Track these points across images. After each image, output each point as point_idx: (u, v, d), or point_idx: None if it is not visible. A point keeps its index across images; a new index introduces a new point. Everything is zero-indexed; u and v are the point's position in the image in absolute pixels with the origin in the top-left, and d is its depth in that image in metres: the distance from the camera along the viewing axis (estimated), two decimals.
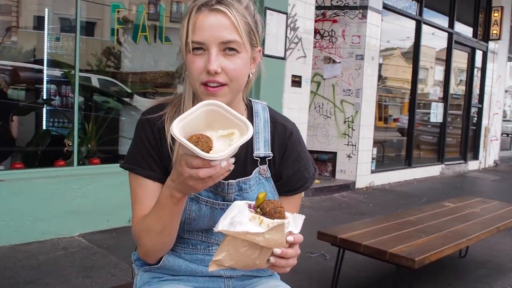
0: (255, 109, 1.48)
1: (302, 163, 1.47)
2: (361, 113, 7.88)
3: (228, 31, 1.24)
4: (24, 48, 7.37)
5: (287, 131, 1.47)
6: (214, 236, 1.44)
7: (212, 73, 1.24)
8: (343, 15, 7.98)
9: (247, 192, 1.41)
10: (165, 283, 1.46)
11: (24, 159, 4.89)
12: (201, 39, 1.24)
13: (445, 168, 10.58)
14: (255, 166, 1.43)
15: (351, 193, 7.60)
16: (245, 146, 1.40)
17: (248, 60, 1.31)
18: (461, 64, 11.63)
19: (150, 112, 1.42)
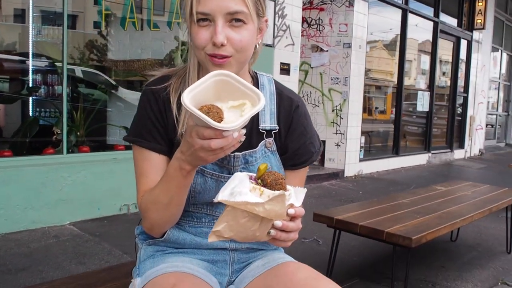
0: (261, 81, 1.46)
1: (308, 137, 1.46)
2: (349, 102, 7.89)
3: (235, 1, 1.21)
4: (10, 40, 7.30)
5: (293, 104, 1.45)
6: (219, 209, 1.43)
7: (218, 45, 1.21)
8: (330, 3, 7.97)
9: (253, 165, 1.40)
10: (169, 256, 1.44)
11: (12, 147, 4.82)
12: (207, 9, 1.21)
13: (432, 156, 10.66)
14: (261, 139, 1.42)
15: (340, 181, 7.62)
16: (251, 119, 1.37)
17: (255, 31, 1.28)
18: (445, 56, 11.69)
19: (154, 84, 1.40)
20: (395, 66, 9.73)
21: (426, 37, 10.81)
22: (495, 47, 14.12)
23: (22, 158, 4.21)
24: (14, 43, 7.08)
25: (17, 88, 6.03)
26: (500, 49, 14.76)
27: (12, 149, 4.41)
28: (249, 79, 1.43)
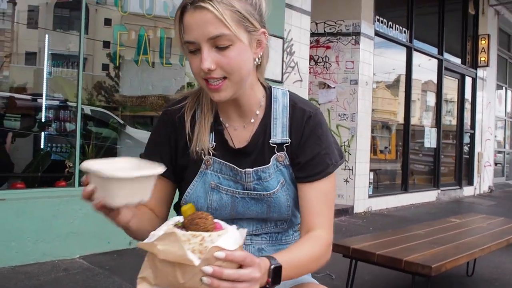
0: (274, 94, 1.44)
1: (322, 147, 1.39)
2: (357, 137, 7.90)
3: (214, 26, 1.20)
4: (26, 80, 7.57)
5: (306, 115, 1.40)
6: (240, 226, 1.39)
7: (206, 71, 1.23)
8: (336, 42, 8.08)
9: (267, 181, 1.38)
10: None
11: (25, 180, 4.85)
12: (192, 38, 1.23)
13: (441, 193, 10.58)
14: (273, 153, 1.40)
15: (350, 217, 7.54)
16: (262, 133, 1.40)
17: (246, 48, 1.27)
18: (449, 94, 11.77)
19: (172, 105, 1.45)
20: (398, 106, 9.79)
21: (430, 77, 10.89)
22: (500, 85, 14.21)
23: (35, 190, 4.22)
24: (29, 83, 7.31)
25: (31, 124, 6.18)
26: (505, 86, 14.85)
27: (24, 181, 4.44)
28: (260, 93, 1.42)
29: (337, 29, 8.06)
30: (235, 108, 1.40)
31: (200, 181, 1.39)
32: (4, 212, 3.86)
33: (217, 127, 1.41)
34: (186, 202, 1.40)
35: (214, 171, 1.39)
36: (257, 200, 1.39)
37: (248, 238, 1.43)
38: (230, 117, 1.42)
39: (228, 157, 1.39)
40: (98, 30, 9.13)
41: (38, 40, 8.20)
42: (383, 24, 8.72)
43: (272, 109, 1.42)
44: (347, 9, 7.95)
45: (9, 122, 5.96)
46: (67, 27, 8.64)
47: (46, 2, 8.37)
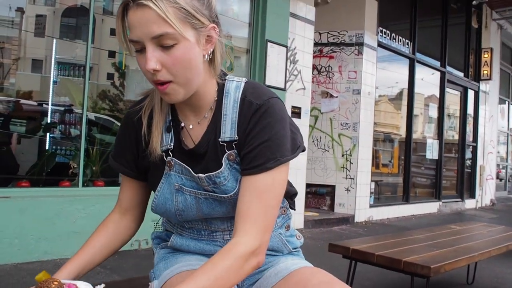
0: (227, 89, 1.34)
1: (265, 138, 1.26)
2: (359, 147, 7.94)
3: (157, 24, 1.14)
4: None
5: (253, 107, 1.29)
6: (213, 224, 1.41)
7: (151, 72, 1.17)
8: (339, 52, 8.15)
9: (223, 185, 1.31)
10: (182, 255, 1.45)
11: (30, 179, 4.91)
12: (135, 37, 1.17)
13: (443, 205, 10.59)
14: (224, 153, 1.32)
15: (351, 226, 7.56)
16: (213, 131, 1.33)
17: (193, 46, 1.19)
18: (452, 109, 11.80)
19: (132, 107, 1.42)
20: (401, 120, 9.83)
21: (432, 91, 10.93)
22: (502, 99, 14.26)
23: (39, 189, 4.27)
24: (35, 90, 7.43)
25: (37, 127, 6.33)
26: (507, 100, 14.90)
27: (29, 181, 4.50)
28: (213, 90, 1.34)
29: (341, 39, 8.13)
30: (189, 106, 1.34)
31: (166, 182, 1.37)
32: (8, 209, 3.90)
33: (174, 127, 1.37)
34: (156, 205, 1.40)
35: (176, 172, 1.35)
36: (219, 201, 1.34)
37: (226, 234, 1.42)
38: (186, 115, 1.37)
39: (185, 157, 1.35)
40: (104, 39, 9.20)
41: (45, 48, 8.28)
42: (386, 36, 8.80)
43: (223, 105, 1.33)
44: (351, 19, 8.03)
45: (15, 126, 6.03)
46: (74, 36, 8.71)
47: (53, 11, 8.47)
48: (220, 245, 1.41)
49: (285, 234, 1.50)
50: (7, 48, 7.89)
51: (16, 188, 4.26)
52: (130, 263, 4.24)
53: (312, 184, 8.05)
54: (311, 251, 1.30)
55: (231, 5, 6.25)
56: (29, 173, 5.08)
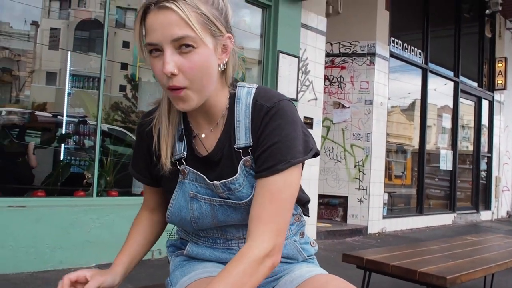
0: (238, 95, 1.35)
1: (275, 140, 1.26)
2: (372, 157, 7.91)
3: (179, 27, 1.15)
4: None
5: (263, 110, 1.29)
6: (228, 232, 1.42)
7: (169, 75, 1.17)
8: (351, 62, 8.15)
9: (239, 191, 1.32)
10: (198, 263, 1.46)
11: (45, 189, 4.98)
12: (154, 40, 1.18)
13: (457, 217, 10.49)
14: (240, 159, 1.32)
15: (364, 238, 7.51)
16: (228, 139, 1.33)
17: (210, 52, 1.21)
18: (465, 119, 11.73)
19: (145, 117, 1.43)
20: (414, 131, 9.79)
21: (446, 102, 10.88)
22: None
23: (54, 198, 4.30)
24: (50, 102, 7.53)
25: (52, 138, 6.45)
26: None
27: (44, 191, 4.56)
28: (225, 98, 1.35)
29: (352, 49, 8.14)
30: (202, 114, 1.35)
31: (180, 191, 1.38)
32: (24, 218, 3.94)
33: (187, 135, 1.37)
34: (171, 213, 1.40)
35: (191, 181, 1.36)
36: (234, 208, 1.35)
37: (241, 242, 1.42)
38: (199, 123, 1.37)
39: (199, 165, 1.36)
40: (117, 52, 9.33)
41: (59, 61, 8.39)
42: (398, 46, 8.79)
43: (235, 112, 1.33)
44: (362, 30, 8.04)
45: (31, 137, 6.10)
46: (87, 49, 8.83)
47: (67, 24, 8.59)
48: (236, 253, 1.38)
49: (299, 242, 1.50)
50: (23, 61, 8.01)
51: (32, 198, 4.31)
52: (144, 273, 4.25)
53: (325, 195, 8.02)
54: (324, 262, 1.30)
55: (243, 16, 6.29)
56: (44, 183, 5.14)
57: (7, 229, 3.86)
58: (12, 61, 7.78)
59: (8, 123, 6.11)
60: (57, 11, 8.44)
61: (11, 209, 3.90)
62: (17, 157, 5.43)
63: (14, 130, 5.92)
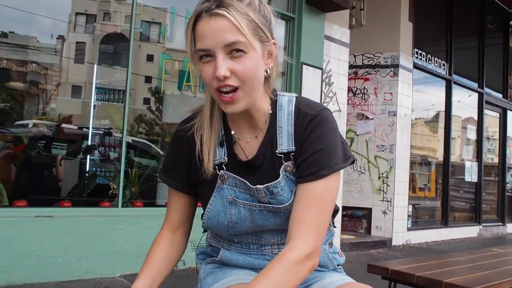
0: (280, 103, 1.40)
1: (319, 147, 1.31)
2: (396, 169, 7.85)
3: (230, 33, 1.20)
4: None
5: (307, 118, 1.34)
6: (263, 238, 1.43)
7: (221, 79, 1.21)
8: (375, 74, 8.14)
9: (280, 195, 1.35)
10: (230, 270, 1.46)
11: (72, 199, 5.05)
12: (206, 46, 1.22)
13: (483, 229, 10.32)
14: (282, 164, 1.36)
15: (388, 250, 7.44)
16: (269, 144, 1.37)
17: (259, 57, 1.27)
18: (490, 131, 11.57)
19: (183, 123, 1.46)
20: (438, 143, 9.70)
21: (470, 114, 10.75)
22: None
23: (80, 209, 4.37)
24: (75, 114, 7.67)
25: (78, 150, 6.57)
26: None
27: (71, 201, 4.63)
28: (267, 104, 1.39)
29: (376, 61, 8.12)
30: (245, 119, 1.38)
31: (218, 196, 1.40)
32: (52, 228, 4.01)
33: (227, 141, 1.40)
34: (207, 218, 1.42)
35: (230, 186, 1.39)
36: (274, 213, 1.37)
37: (275, 248, 1.44)
38: (241, 129, 1.40)
39: (240, 170, 1.38)
40: (141, 65, 9.45)
41: (85, 74, 8.54)
42: (422, 57, 8.75)
43: (277, 118, 1.38)
44: (386, 41, 8.03)
45: (57, 150, 6.21)
46: (112, 62, 8.95)
47: (93, 38, 8.74)
48: (269, 259, 1.42)
49: (329, 250, 1.52)
50: (49, 74, 8.15)
51: (59, 208, 4.38)
52: (167, 284, 4.26)
53: (348, 207, 7.98)
54: (349, 273, 1.30)
55: None
56: (70, 193, 5.22)
57: (34, 239, 3.93)
58: (39, 75, 7.92)
59: (35, 135, 6.22)
60: (83, 25, 8.59)
61: (38, 219, 3.96)
62: (44, 168, 5.53)
63: (41, 142, 6.02)
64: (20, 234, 3.87)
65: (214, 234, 1.52)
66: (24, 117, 6.83)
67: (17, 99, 6.98)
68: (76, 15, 8.44)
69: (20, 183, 5.21)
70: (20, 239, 3.86)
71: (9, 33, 7.14)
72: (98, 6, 8.11)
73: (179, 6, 5.58)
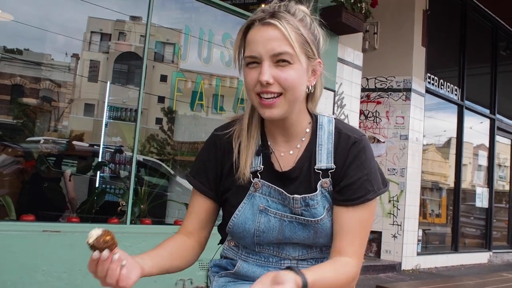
0: (320, 122, 1.45)
1: (364, 173, 1.38)
2: (406, 193, 7.79)
3: (279, 43, 1.27)
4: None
5: (350, 140, 1.41)
6: (285, 250, 1.44)
7: (264, 84, 1.27)
8: (387, 97, 8.13)
9: (314, 208, 1.39)
10: (242, 285, 1.45)
11: (80, 215, 5.06)
12: (254, 53, 1.29)
13: (493, 256, 10.18)
14: (318, 179, 1.41)
15: (397, 274, 7.35)
16: (308, 159, 1.41)
17: (303, 71, 1.33)
18: (502, 158, 11.48)
19: (221, 129, 1.49)
20: (449, 169, 9.64)
21: (482, 141, 10.71)
22: None
23: (89, 224, 4.35)
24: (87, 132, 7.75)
25: (88, 167, 6.59)
26: None
27: (79, 217, 4.62)
28: (306, 120, 1.45)
29: (388, 85, 8.12)
30: (282, 132, 1.42)
31: (249, 203, 1.41)
32: (59, 243, 3.98)
33: (264, 151, 1.43)
34: (234, 224, 1.42)
35: (262, 194, 1.41)
36: (304, 226, 1.39)
37: (294, 263, 1.44)
38: (276, 141, 1.44)
39: (275, 180, 1.42)
40: (154, 85, 9.55)
41: (98, 93, 8.62)
42: (434, 82, 8.74)
43: (318, 136, 1.43)
44: (398, 65, 8.03)
45: (67, 166, 6.24)
46: (125, 81, 9.03)
47: (107, 57, 8.83)
48: None
49: None
50: (62, 92, 8.23)
51: (66, 223, 4.37)
52: None
53: None
54: None
55: None
56: (79, 209, 5.22)
57: (40, 253, 3.90)
58: (52, 92, 7.99)
59: (45, 151, 6.26)
60: (97, 44, 8.69)
61: (45, 234, 3.94)
62: (52, 184, 5.54)
63: (51, 159, 6.04)
64: (27, 249, 3.85)
65: (233, 245, 1.51)
66: (35, 133, 6.88)
67: (29, 115, 7.04)
68: (91, 34, 8.55)
69: (28, 197, 5.22)
70: (27, 254, 3.84)
71: (24, 50, 7.23)
72: (113, 25, 8.20)
73: (193, 26, 5.64)
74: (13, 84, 7.48)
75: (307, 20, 1.35)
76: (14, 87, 7.50)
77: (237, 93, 5.96)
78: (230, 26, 5.72)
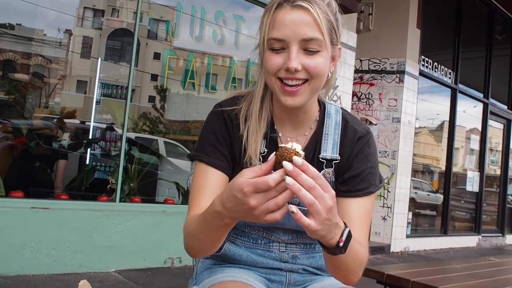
0: (328, 110, 1.42)
1: (368, 166, 1.37)
2: (397, 175, 7.82)
3: (310, 28, 1.19)
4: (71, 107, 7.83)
5: (357, 134, 1.40)
6: (275, 233, 1.42)
7: (292, 71, 1.20)
8: (380, 79, 8.11)
9: None
10: (227, 267, 1.44)
11: (69, 192, 5.03)
12: (282, 35, 1.20)
13: (482, 239, 10.29)
14: (321, 168, 1.37)
15: (386, 256, 7.41)
16: (313, 147, 1.38)
17: (328, 58, 1.26)
18: (494, 142, 11.53)
19: (225, 104, 1.41)
20: (441, 153, 9.67)
21: (474, 125, 10.76)
22: None
23: (77, 202, 4.35)
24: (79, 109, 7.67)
25: (79, 144, 6.53)
26: None
27: (68, 194, 4.61)
28: (316, 107, 1.41)
29: (382, 66, 8.09)
30: (292, 118, 1.38)
31: None
32: (47, 220, 3.99)
33: (271, 135, 1.39)
34: None
35: None
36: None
37: (283, 246, 1.43)
38: (284, 126, 1.40)
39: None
40: (147, 63, 9.47)
41: (90, 70, 8.54)
42: (428, 65, 8.71)
43: (325, 125, 1.40)
44: (393, 47, 8.00)
45: (58, 142, 6.20)
46: (118, 59, 8.95)
47: (100, 34, 8.74)
48: (274, 257, 1.42)
49: None
50: (54, 68, 8.15)
51: (55, 200, 4.37)
52: (162, 280, 4.26)
53: None
54: None
55: None
56: (68, 186, 5.20)
57: (29, 230, 3.91)
58: (44, 68, 7.92)
59: (36, 128, 6.21)
60: (90, 19, 8.59)
61: (34, 210, 3.94)
62: (42, 161, 5.50)
63: (41, 135, 6.00)
64: (15, 225, 3.86)
65: None
66: (26, 109, 6.83)
67: (20, 91, 6.98)
68: (84, 9, 8.45)
69: (18, 174, 5.19)
70: (15, 230, 3.84)
71: (16, 25, 7.14)
72: (106, 1, 8.10)
73: (186, 3, 5.58)
74: (5, 59, 7.40)
75: (333, 4, 1.28)
76: (5, 63, 7.43)
77: (229, 72, 5.91)
78: (223, 5, 5.66)
